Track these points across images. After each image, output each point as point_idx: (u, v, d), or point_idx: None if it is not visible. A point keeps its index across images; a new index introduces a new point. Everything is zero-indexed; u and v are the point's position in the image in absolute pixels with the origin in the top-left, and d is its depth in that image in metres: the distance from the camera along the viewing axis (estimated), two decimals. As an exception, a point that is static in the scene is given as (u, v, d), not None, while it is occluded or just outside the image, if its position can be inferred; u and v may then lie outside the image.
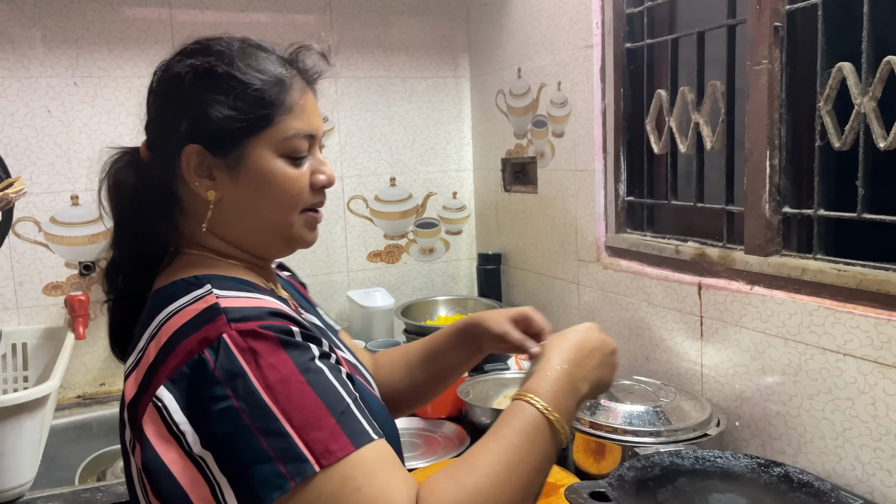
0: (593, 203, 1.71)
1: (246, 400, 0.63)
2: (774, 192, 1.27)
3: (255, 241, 0.83)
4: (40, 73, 1.84)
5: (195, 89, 0.77)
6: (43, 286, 1.88)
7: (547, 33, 1.84)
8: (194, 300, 0.71)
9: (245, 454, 0.62)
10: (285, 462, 0.62)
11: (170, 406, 0.65)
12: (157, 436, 0.65)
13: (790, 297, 1.21)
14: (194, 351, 0.65)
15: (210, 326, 0.67)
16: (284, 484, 0.61)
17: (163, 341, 0.69)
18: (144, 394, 0.67)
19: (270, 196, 0.79)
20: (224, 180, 0.78)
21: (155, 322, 0.72)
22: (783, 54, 1.24)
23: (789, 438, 1.24)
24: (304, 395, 0.64)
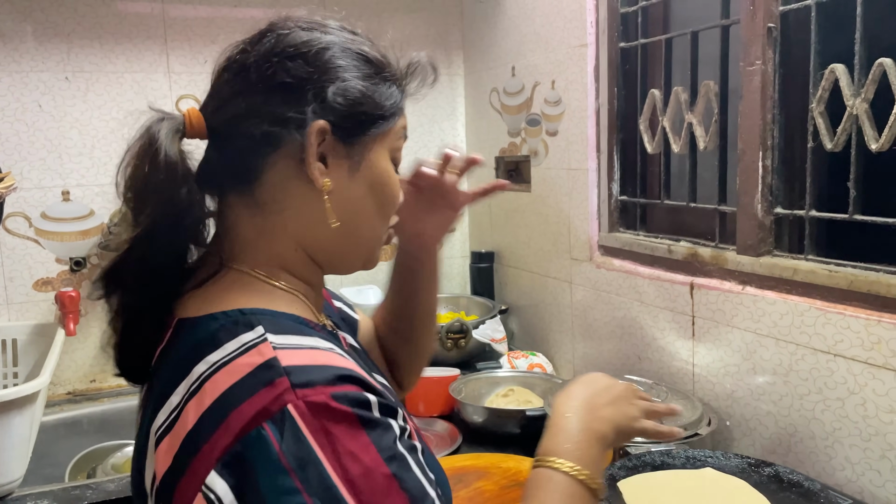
0: (586, 202, 1.71)
1: (321, 496, 0.51)
2: (767, 193, 1.27)
3: (337, 252, 0.71)
4: (31, 67, 1.83)
5: (339, 61, 0.67)
6: (33, 282, 1.87)
7: (541, 32, 1.84)
8: (244, 349, 0.58)
9: None
10: None
11: (224, 498, 0.52)
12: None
13: (781, 297, 1.22)
14: (250, 425, 0.53)
15: (269, 391, 0.54)
16: None
17: (206, 404, 0.56)
18: (184, 474, 0.55)
19: (382, 199, 0.70)
20: (340, 172, 0.67)
21: (194, 374, 0.58)
22: (776, 55, 1.25)
23: (780, 438, 1.24)
24: (390, 494, 0.54)
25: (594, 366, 1.72)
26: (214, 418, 0.55)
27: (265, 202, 0.67)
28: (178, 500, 0.55)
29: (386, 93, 0.69)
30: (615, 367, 1.63)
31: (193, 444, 0.55)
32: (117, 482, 1.36)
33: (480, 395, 1.65)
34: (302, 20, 0.70)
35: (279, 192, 0.67)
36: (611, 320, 1.65)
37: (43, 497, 1.31)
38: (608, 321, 1.66)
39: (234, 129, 0.66)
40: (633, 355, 1.58)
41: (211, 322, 0.62)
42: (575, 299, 1.79)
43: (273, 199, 0.67)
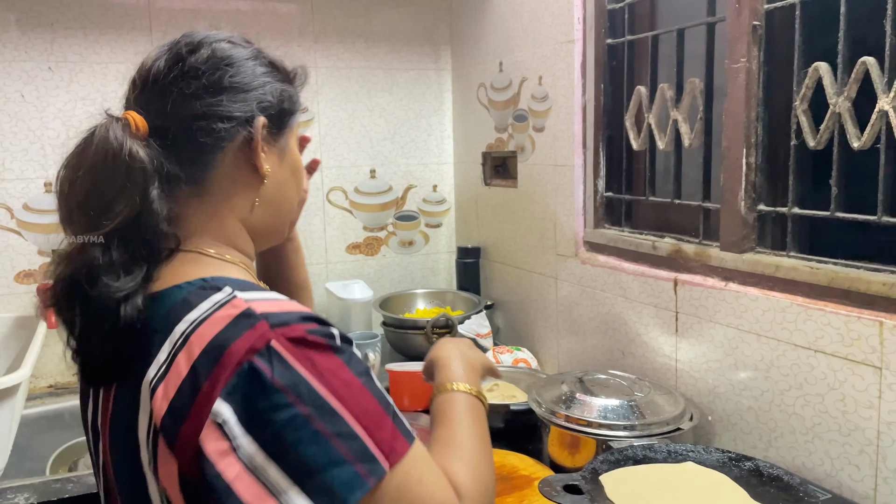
0: (572, 198, 1.71)
1: (314, 405, 0.62)
2: (750, 190, 1.28)
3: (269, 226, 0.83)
4: (14, 57, 1.81)
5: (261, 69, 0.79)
6: (15, 274, 1.85)
7: (529, 27, 1.84)
8: (219, 305, 0.67)
9: (320, 459, 0.61)
10: (362, 462, 0.63)
11: (228, 420, 0.61)
12: (219, 453, 0.61)
13: (764, 293, 1.23)
14: (242, 360, 0.62)
15: (252, 333, 0.63)
16: (364, 484, 0.62)
17: (196, 353, 0.64)
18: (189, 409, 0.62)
19: (298, 180, 0.85)
20: (273, 160, 0.79)
21: (176, 333, 0.66)
22: (761, 53, 1.26)
23: (760, 433, 1.25)
24: (365, 398, 0.65)
25: (578, 361, 1.73)
26: (208, 361, 0.63)
27: (214, 191, 0.76)
28: (186, 431, 0.62)
29: (294, 92, 0.83)
30: (599, 363, 1.64)
31: (192, 385, 0.63)
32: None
33: (465, 390, 1.65)
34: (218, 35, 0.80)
35: (227, 180, 0.76)
36: (595, 316, 1.65)
37: (23, 490, 1.30)
38: (593, 317, 1.66)
39: (189, 128, 0.73)
40: (617, 350, 1.59)
41: (177, 291, 0.70)
42: (560, 295, 1.79)
43: (221, 187, 0.76)
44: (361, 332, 1.91)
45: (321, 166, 2.19)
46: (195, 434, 0.61)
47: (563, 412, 1.28)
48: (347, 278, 2.24)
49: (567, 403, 1.30)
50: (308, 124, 2.16)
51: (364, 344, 1.78)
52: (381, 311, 2.01)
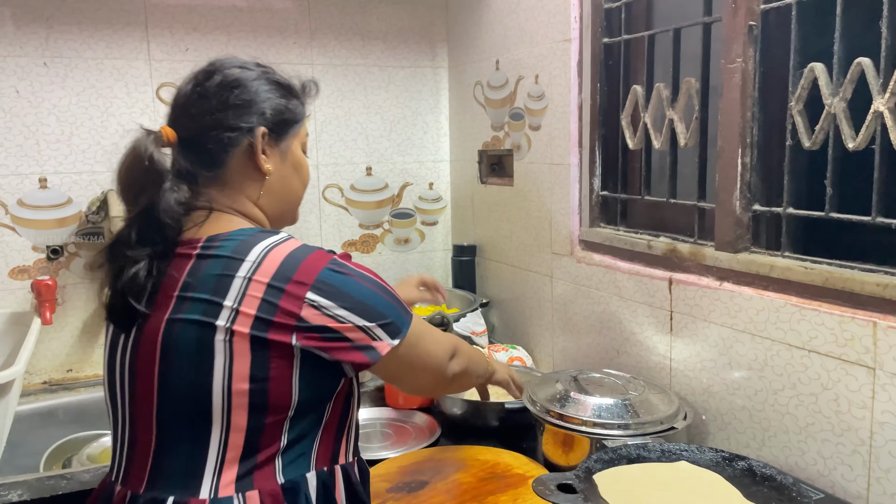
0: (568, 197, 1.71)
1: (371, 283, 0.94)
2: (745, 190, 1.28)
3: (277, 210, 1.05)
4: (9, 52, 1.80)
5: (265, 88, 1.01)
6: (9, 270, 1.85)
7: (525, 26, 1.84)
8: (283, 240, 0.94)
9: (384, 307, 0.94)
10: (402, 310, 0.97)
11: (322, 302, 0.89)
12: (316, 317, 0.88)
13: (758, 293, 1.23)
14: (317, 268, 0.90)
15: (318, 253, 0.92)
16: (407, 318, 0.97)
17: (277, 262, 0.90)
18: (280, 298, 0.88)
19: (301, 175, 1.08)
20: (275, 160, 1.02)
21: (252, 255, 0.91)
22: (757, 53, 1.26)
23: (754, 432, 1.26)
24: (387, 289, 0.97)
25: (573, 359, 1.73)
26: (289, 268, 0.90)
27: (228, 181, 1.00)
28: (282, 312, 0.88)
29: (295, 105, 1.06)
30: (594, 361, 1.64)
31: (280, 282, 0.89)
32: (92, 472, 1.35)
33: (460, 388, 1.66)
34: (232, 61, 1.03)
35: (238, 174, 1.00)
36: (590, 314, 1.65)
37: (16, 487, 1.30)
38: (587, 315, 1.66)
39: (204, 136, 0.98)
40: (612, 349, 1.59)
41: (241, 234, 0.95)
42: (555, 293, 1.79)
43: (234, 179, 1.00)
44: (356, 329, 1.91)
45: (317, 164, 2.19)
46: (293, 314, 0.88)
47: (558, 411, 1.28)
48: (343, 276, 2.23)
49: (561, 402, 1.31)
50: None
51: (359, 342, 1.78)
52: (377, 308, 2.01)
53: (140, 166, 0.93)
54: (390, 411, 1.64)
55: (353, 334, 0.91)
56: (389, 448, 1.47)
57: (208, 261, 0.92)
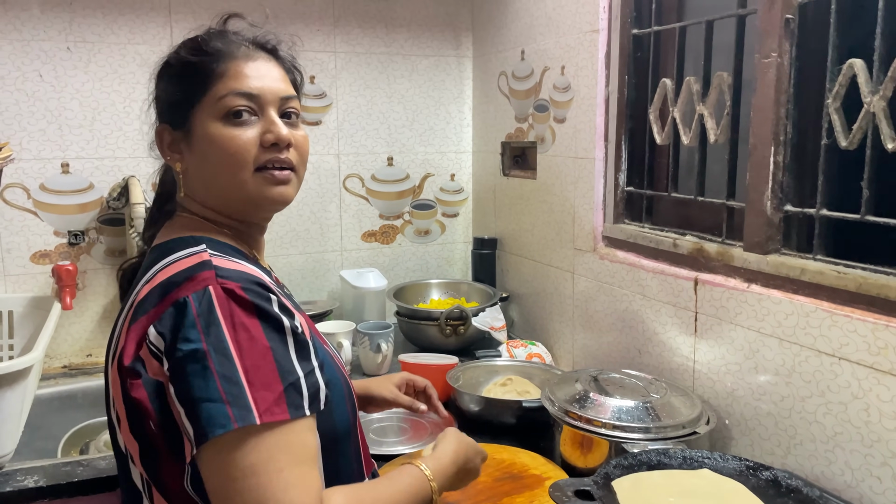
0: (592, 191, 1.68)
1: (214, 346, 0.72)
2: (777, 190, 1.24)
3: (223, 203, 0.91)
4: (33, 36, 1.80)
5: (158, 79, 0.93)
6: (31, 254, 1.85)
7: (552, 16, 1.80)
8: (189, 254, 0.81)
9: (201, 391, 0.71)
10: (233, 406, 0.71)
11: (155, 341, 0.75)
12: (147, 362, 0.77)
13: (787, 297, 1.19)
14: (181, 295, 0.75)
15: (199, 278, 0.76)
16: (228, 424, 0.70)
17: (155, 284, 0.79)
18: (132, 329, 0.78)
19: (215, 158, 0.87)
20: (186, 152, 0.90)
21: (152, 270, 0.82)
22: (793, 48, 1.21)
23: (779, 439, 1.22)
24: (264, 358, 0.73)
25: (594, 357, 1.70)
26: (158, 293, 0.78)
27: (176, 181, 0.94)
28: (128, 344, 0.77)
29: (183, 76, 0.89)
30: (615, 360, 1.61)
31: (142, 309, 0.78)
32: (109, 459, 1.35)
33: (478, 384, 1.64)
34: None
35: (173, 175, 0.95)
36: (612, 312, 1.62)
37: (33, 473, 1.30)
38: (609, 313, 1.63)
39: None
40: (634, 349, 1.56)
41: (170, 242, 0.87)
42: (577, 290, 1.76)
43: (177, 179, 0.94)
44: (374, 321, 1.90)
45: (338, 153, 2.17)
46: (133, 344, 0.77)
47: (577, 412, 1.25)
48: (362, 266, 2.22)
49: (581, 403, 1.28)
50: (326, 110, 2.14)
51: (377, 334, 1.77)
52: (395, 300, 1.99)
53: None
54: (407, 405, 1.62)
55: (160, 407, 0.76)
56: (405, 443, 1.46)
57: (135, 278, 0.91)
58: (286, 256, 2.14)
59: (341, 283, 2.12)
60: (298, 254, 2.16)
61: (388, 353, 1.79)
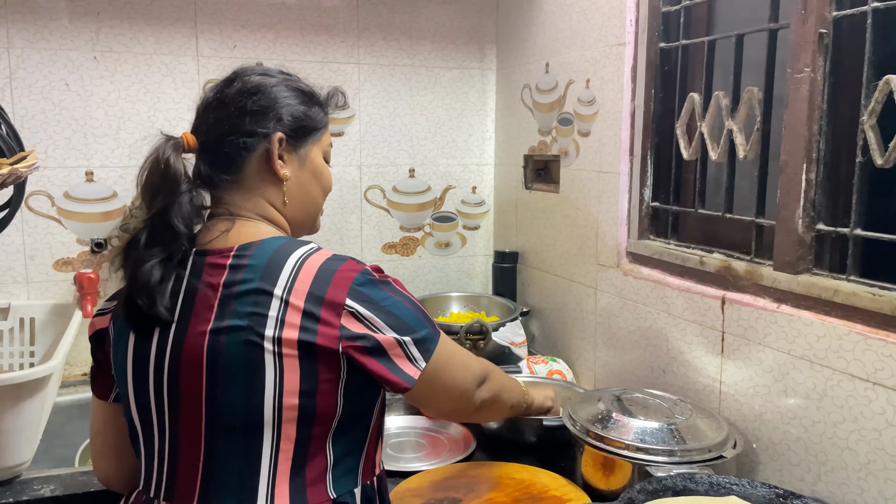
0: (616, 206, 1.65)
1: (399, 296, 0.95)
2: (809, 208, 1.21)
3: (298, 216, 1.06)
4: (60, 45, 1.81)
5: (284, 94, 1.02)
6: (53, 261, 1.86)
7: (578, 28, 1.78)
8: (314, 250, 0.94)
9: (414, 322, 0.94)
10: (431, 326, 0.97)
11: (359, 310, 0.90)
12: (356, 328, 0.89)
13: (819, 318, 1.16)
14: (350, 277, 0.91)
15: (350, 265, 0.93)
16: (437, 337, 0.98)
17: (313, 272, 0.90)
18: (321, 307, 0.89)
19: (321, 183, 1.08)
20: (293, 165, 1.03)
21: (288, 266, 0.91)
22: (827, 63, 1.18)
23: (809, 465, 1.18)
24: (419, 306, 0.98)
25: (616, 376, 1.67)
26: (325, 277, 0.91)
27: (248, 185, 1.01)
28: (324, 323, 0.89)
29: (317, 113, 1.07)
30: (638, 379, 1.58)
31: (317, 292, 0.89)
32: (125, 470, 1.34)
33: (497, 400, 1.61)
34: (255, 69, 1.05)
35: (257, 178, 1.01)
36: (636, 330, 1.59)
37: (49, 481, 1.30)
38: (633, 331, 1.60)
39: (223, 142, 1.00)
40: (658, 368, 1.52)
41: (274, 240, 0.96)
42: (599, 306, 1.73)
43: (253, 183, 1.01)
44: (394, 334, 1.88)
45: (360, 164, 2.17)
46: (335, 321, 0.89)
47: (599, 432, 1.22)
48: (382, 278, 2.21)
49: (603, 423, 1.25)
50: (349, 121, 2.14)
51: (396, 347, 1.75)
52: (415, 313, 1.97)
53: (157, 171, 0.95)
54: (424, 420, 1.60)
55: (389, 346, 0.92)
56: (423, 459, 1.43)
57: (243, 271, 0.92)
58: (306, 267, 2.13)
59: (361, 295, 2.11)
60: (318, 265, 2.15)
61: (407, 367, 1.77)
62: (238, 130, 0.99)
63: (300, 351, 0.88)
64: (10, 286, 1.83)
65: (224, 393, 0.89)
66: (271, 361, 0.88)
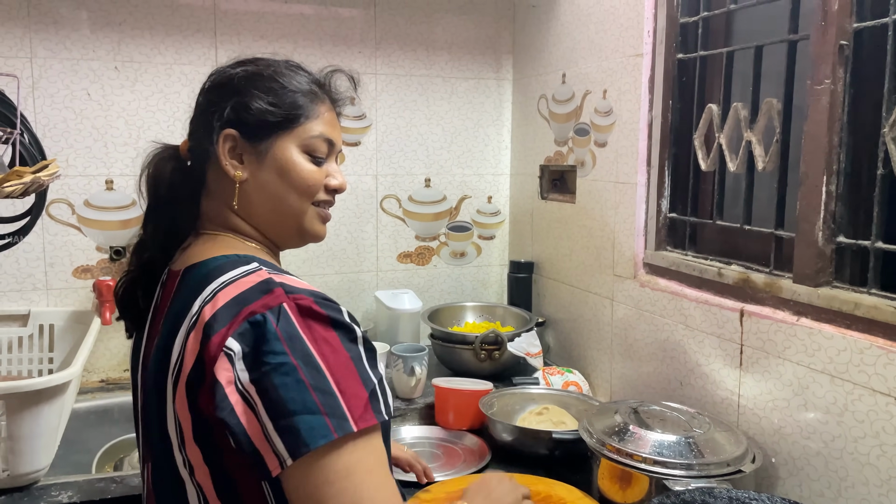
0: (633, 217, 1.64)
1: (302, 359, 0.74)
2: (829, 220, 1.20)
3: (272, 225, 0.94)
4: (82, 55, 1.84)
5: (243, 85, 0.91)
6: (73, 269, 1.88)
7: (595, 39, 1.78)
8: (246, 273, 0.82)
9: (297, 403, 0.72)
10: (331, 417, 0.72)
11: (236, 354, 0.74)
12: (227, 381, 0.74)
13: (840, 332, 1.14)
14: (256, 312, 0.76)
15: (270, 296, 0.78)
16: (329, 434, 0.72)
17: (220, 304, 0.78)
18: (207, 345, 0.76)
19: (290, 182, 0.92)
20: (252, 164, 0.91)
21: (208, 290, 0.81)
22: (847, 74, 1.17)
23: (829, 481, 1.17)
24: (348, 369, 0.76)
25: (632, 388, 1.66)
26: (228, 313, 0.77)
27: (213, 191, 0.94)
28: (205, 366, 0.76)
29: (294, 101, 0.92)
30: (655, 391, 1.57)
31: (212, 328, 0.77)
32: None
33: (513, 411, 1.60)
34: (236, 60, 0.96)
35: (218, 183, 0.93)
36: (653, 342, 1.58)
37: (67, 488, 1.31)
38: (650, 342, 1.59)
39: (194, 142, 0.95)
40: (675, 380, 1.51)
41: (213, 261, 0.87)
42: (616, 317, 1.72)
43: (217, 189, 0.93)
44: (408, 343, 1.88)
45: (376, 174, 2.18)
46: (211, 365, 0.75)
47: (616, 445, 1.22)
48: (397, 287, 2.21)
49: (620, 436, 1.24)
50: (365, 131, 2.15)
51: (411, 357, 1.75)
52: (430, 323, 1.98)
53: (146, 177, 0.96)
54: (440, 430, 1.60)
55: (246, 420, 0.74)
56: (438, 470, 1.43)
57: (177, 298, 0.87)
58: (322, 276, 2.14)
59: (376, 304, 2.11)
60: (334, 273, 2.16)
61: (422, 377, 1.77)
62: (197, 132, 0.94)
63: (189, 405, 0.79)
64: (30, 293, 1.85)
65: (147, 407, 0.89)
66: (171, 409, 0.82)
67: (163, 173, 0.95)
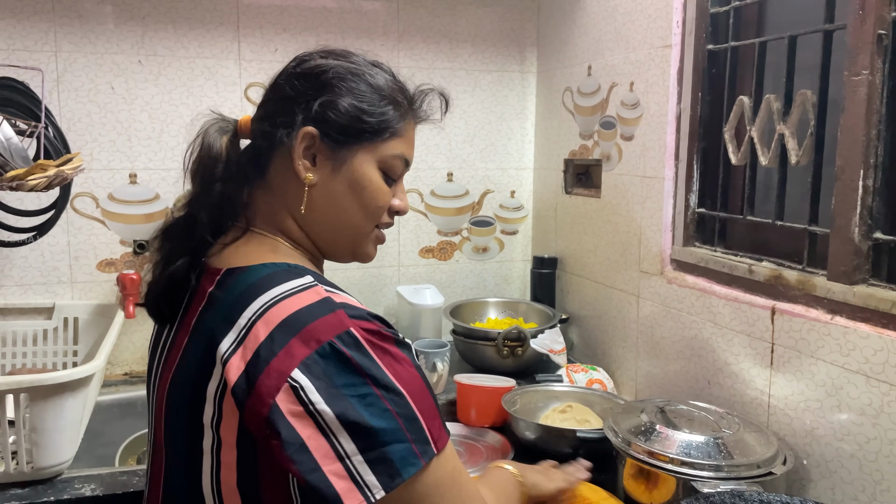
0: (660, 212, 1.61)
1: (385, 388, 0.71)
2: (866, 216, 1.16)
3: (327, 237, 0.89)
4: (106, 49, 1.84)
5: (336, 83, 0.85)
6: (97, 262, 1.89)
7: (622, 30, 1.75)
8: (303, 288, 0.77)
9: (386, 434, 0.70)
10: (417, 443, 0.72)
11: (306, 387, 0.69)
12: (292, 414, 0.69)
13: (876, 331, 1.11)
14: (323, 340, 0.71)
15: (332, 318, 0.73)
16: (417, 462, 0.71)
17: (275, 323, 0.73)
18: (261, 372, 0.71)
19: (361, 198, 0.87)
20: (325, 170, 0.85)
21: (257, 304, 0.75)
22: (886, 65, 1.13)
23: (863, 484, 1.13)
24: (423, 392, 0.75)
25: (659, 386, 1.63)
26: (285, 332, 0.72)
27: (274, 186, 0.87)
28: (259, 391, 0.70)
29: (385, 114, 0.86)
30: (681, 390, 1.54)
31: (269, 350, 0.71)
32: (164, 471, 1.35)
33: (536, 409, 1.58)
34: (326, 50, 0.88)
35: (282, 179, 0.86)
36: (680, 340, 1.55)
37: (90, 481, 1.31)
38: (677, 340, 1.56)
39: (258, 129, 0.88)
40: (703, 379, 1.48)
41: (262, 269, 0.80)
42: (642, 314, 1.69)
43: (279, 185, 0.87)
44: (430, 339, 1.86)
45: (398, 167, 2.16)
46: (270, 394, 0.70)
47: (642, 445, 1.19)
48: (419, 282, 2.20)
49: (646, 435, 1.21)
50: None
51: (433, 353, 1.73)
52: (452, 318, 1.96)
53: (199, 152, 0.86)
54: (462, 427, 1.58)
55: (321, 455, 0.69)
56: (460, 468, 1.41)
57: (216, 301, 0.80)
58: (344, 270, 2.13)
59: (398, 299, 2.10)
60: (356, 268, 2.15)
61: (444, 373, 1.75)
62: (271, 118, 0.86)
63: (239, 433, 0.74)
64: (55, 286, 1.86)
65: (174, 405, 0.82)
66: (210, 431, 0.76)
67: (214, 148, 0.86)
